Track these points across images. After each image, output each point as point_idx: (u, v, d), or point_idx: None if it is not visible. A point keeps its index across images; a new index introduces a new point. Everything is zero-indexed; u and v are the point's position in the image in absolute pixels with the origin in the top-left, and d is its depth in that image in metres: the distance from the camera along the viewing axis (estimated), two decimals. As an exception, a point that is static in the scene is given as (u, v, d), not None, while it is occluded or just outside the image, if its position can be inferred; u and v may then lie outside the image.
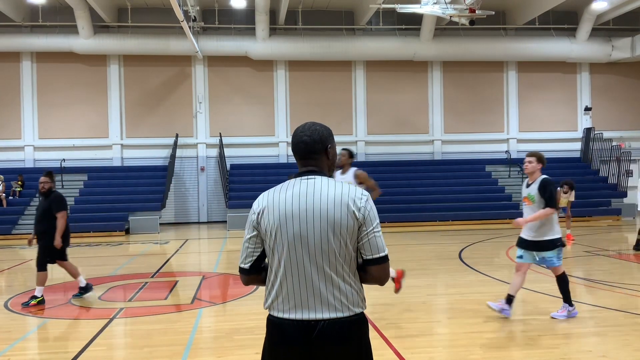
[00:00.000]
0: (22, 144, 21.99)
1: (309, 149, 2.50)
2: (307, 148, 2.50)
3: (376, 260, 2.42)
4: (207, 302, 8.13)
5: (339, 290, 2.39)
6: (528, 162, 6.43)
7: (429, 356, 5.46)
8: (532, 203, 6.36)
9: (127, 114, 22.44)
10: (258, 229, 2.47)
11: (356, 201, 2.40)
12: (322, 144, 2.51)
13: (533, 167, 6.42)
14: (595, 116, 24.24)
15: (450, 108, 23.75)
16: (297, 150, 2.53)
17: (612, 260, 11.53)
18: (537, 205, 6.32)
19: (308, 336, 2.36)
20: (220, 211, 22.25)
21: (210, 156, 22.78)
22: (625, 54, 22.82)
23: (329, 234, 2.36)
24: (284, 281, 2.40)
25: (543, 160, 6.46)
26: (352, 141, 23.07)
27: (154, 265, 11.78)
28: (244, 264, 2.52)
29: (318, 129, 2.53)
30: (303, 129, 2.54)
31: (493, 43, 22.64)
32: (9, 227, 18.47)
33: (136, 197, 20.04)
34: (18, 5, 20.83)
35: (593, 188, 21.85)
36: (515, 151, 23.79)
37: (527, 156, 6.52)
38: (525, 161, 6.51)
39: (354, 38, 22.51)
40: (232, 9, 21.66)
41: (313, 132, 2.51)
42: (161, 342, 6.08)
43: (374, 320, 6.56)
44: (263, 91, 22.88)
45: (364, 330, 2.46)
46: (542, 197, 6.29)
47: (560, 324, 6.42)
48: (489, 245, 14.34)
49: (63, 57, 21.71)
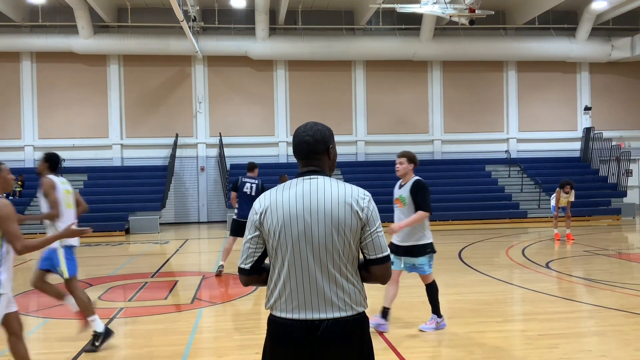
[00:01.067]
0: (22, 144, 22.00)
1: (312, 149, 2.50)
2: (310, 148, 2.50)
3: (379, 260, 2.44)
4: (207, 302, 8.13)
5: (342, 289, 2.39)
6: (399, 164, 5.97)
7: (429, 356, 5.46)
8: (404, 205, 5.95)
9: (127, 114, 22.45)
10: (260, 229, 2.45)
11: (359, 201, 2.41)
12: (324, 144, 2.51)
13: (404, 168, 5.98)
14: (595, 116, 24.25)
15: (450, 108, 23.76)
16: (299, 150, 2.52)
17: (612, 260, 11.53)
18: (409, 208, 5.92)
19: (312, 336, 2.36)
20: (220, 211, 22.25)
21: (210, 156, 22.79)
22: (625, 54, 22.83)
23: (333, 234, 2.37)
24: (288, 281, 2.40)
25: (415, 161, 6.01)
26: (352, 141, 23.10)
27: (154, 265, 11.78)
28: (244, 265, 2.50)
29: (320, 129, 2.53)
30: (305, 129, 2.53)
31: (493, 43, 22.64)
32: (9, 227, 18.44)
33: (136, 197, 20.04)
34: (18, 5, 20.83)
35: (593, 188, 21.84)
36: (515, 151, 23.81)
37: (398, 157, 6.05)
38: (396, 162, 6.02)
39: (354, 38, 22.51)
40: (232, 8, 21.66)
41: (315, 132, 2.51)
42: (161, 342, 6.08)
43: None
44: (263, 91, 22.89)
45: (366, 329, 2.47)
46: (413, 199, 5.88)
47: (560, 324, 6.42)
48: (488, 245, 14.34)
49: (63, 57, 21.71)
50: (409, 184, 5.97)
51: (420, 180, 5.99)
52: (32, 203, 19.59)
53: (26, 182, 20.40)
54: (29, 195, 20.01)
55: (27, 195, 20.06)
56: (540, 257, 11.56)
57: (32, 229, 18.72)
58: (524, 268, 10.33)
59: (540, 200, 20.61)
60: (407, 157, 6.00)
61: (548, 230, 16.26)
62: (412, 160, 5.99)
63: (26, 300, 8.12)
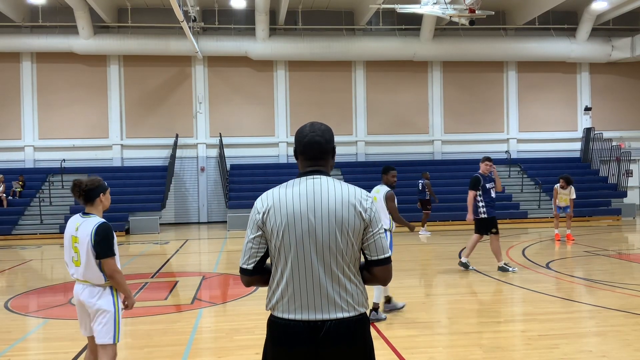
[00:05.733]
0: (22, 144, 21.99)
1: (322, 149, 2.49)
2: (321, 148, 2.49)
3: (381, 261, 2.44)
4: (207, 303, 8.13)
5: (345, 290, 2.39)
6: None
7: (429, 356, 5.46)
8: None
9: (127, 114, 22.44)
10: (263, 229, 2.43)
11: (362, 202, 2.41)
12: (331, 144, 2.53)
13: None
14: (595, 116, 24.25)
15: (450, 108, 23.76)
16: (309, 150, 2.49)
17: (612, 260, 11.53)
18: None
19: (314, 337, 2.35)
20: (220, 211, 22.26)
21: (210, 156, 22.78)
22: (625, 54, 22.82)
23: (336, 234, 2.36)
24: (291, 281, 2.39)
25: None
26: (352, 141, 23.10)
27: (154, 265, 11.78)
28: (246, 265, 2.48)
29: (326, 129, 2.54)
30: (313, 129, 2.51)
31: (493, 43, 22.64)
32: (9, 228, 18.46)
33: (136, 198, 20.03)
34: (18, 6, 20.83)
35: (593, 188, 21.84)
36: (516, 151, 23.80)
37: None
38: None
39: (354, 38, 22.51)
40: (232, 9, 21.66)
41: (324, 132, 2.51)
42: (161, 342, 6.08)
43: (374, 321, 6.56)
44: (263, 91, 22.88)
45: (367, 329, 2.47)
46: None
47: (560, 324, 6.42)
48: (488, 245, 14.31)
49: (63, 57, 21.70)
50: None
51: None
52: (32, 203, 19.61)
53: (26, 182, 20.40)
54: (29, 196, 20.03)
55: (27, 196, 20.06)
56: (540, 258, 11.56)
57: (29, 230, 18.74)
58: (524, 268, 10.33)
59: (541, 201, 20.61)
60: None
61: (548, 231, 16.25)
62: None
63: (26, 300, 8.12)
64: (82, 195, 4.04)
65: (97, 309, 3.98)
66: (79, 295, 4.03)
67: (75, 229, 4.00)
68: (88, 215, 4.05)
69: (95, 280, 3.98)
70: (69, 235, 4.04)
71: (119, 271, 4.03)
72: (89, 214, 4.06)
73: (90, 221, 3.99)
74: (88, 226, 3.96)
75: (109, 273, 3.97)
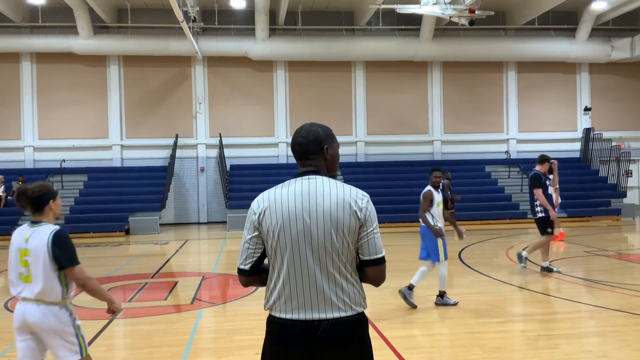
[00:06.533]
0: (22, 144, 21.99)
1: (304, 150, 2.52)
2: (302, 149, 2.52)
3: (374, 261, 2.44)
4: (207, 303, 8.13)
5: (341, 289, 2.39)
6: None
7: (429, 356, 5.46)
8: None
9: (127, 114, 22.44)
10: (259, 230, 2.45)
11: (358, 201, 2.41)
12: (317, 145, 2.51)
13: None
14: (594, 116, 24.25)
15: (450, 108, 23.75)
16: (294, 151, 2.57)
17: (612, 260, 11.53)
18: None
19: (311, 336, 2.36)
20: (220, 212, 22.25)
21: (210, 157, 22.78)
22: (625, 54, 22.82)
23: (332, 233, 2.37)
24: (287, 281, 2.40)
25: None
26: (351, 141, 23.09)
27: (154, 265, 11.78)
28: (243, 265, 2.50)
29: (314, 130, 2.54)
30: (300, 130, 2.56)
31: (493, 43, 22.63)
32: (9, 228, 18.45)
33: (136, 198, 20.03)
34: (18, 6, 20.83)
35: (593, 188, 21.84)
36: (515, 151, 23.80)
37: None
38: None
39: (354, 38, 22.51)
40: (231, 9, 21.66)
41: (308, 134, 2.53)
42: (161, 342, 6.08)
43: (374, 321, 6.56)
44: (263, 91, 22.88)
45: (365, 329, 2.47)
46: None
47: (560, 325, 6.42)
48: (488, 245, 14.34)
49: (63, 57, 21.70)
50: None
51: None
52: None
53: (26, 182, 20.37)
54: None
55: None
56: (540, 258, 11.55)
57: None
58: (525, 268, 10.31)
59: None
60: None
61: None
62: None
63: None
64: (30, 203, 3.56)
65: (54, 331, 3.48)
66: (29, 318, 3.47)
67: (24, 240, 3.49)
68: (38, 224, 3.54)
69: (51, 298, 3.46)
70: (15, 248, 3.51)
71: (90, 277, 3.57)
72: (39, 222, 3.55)
73: (42, 230, 3.50)
74: (41, 236, 3.47)
75: (80, 282, 3.52)
